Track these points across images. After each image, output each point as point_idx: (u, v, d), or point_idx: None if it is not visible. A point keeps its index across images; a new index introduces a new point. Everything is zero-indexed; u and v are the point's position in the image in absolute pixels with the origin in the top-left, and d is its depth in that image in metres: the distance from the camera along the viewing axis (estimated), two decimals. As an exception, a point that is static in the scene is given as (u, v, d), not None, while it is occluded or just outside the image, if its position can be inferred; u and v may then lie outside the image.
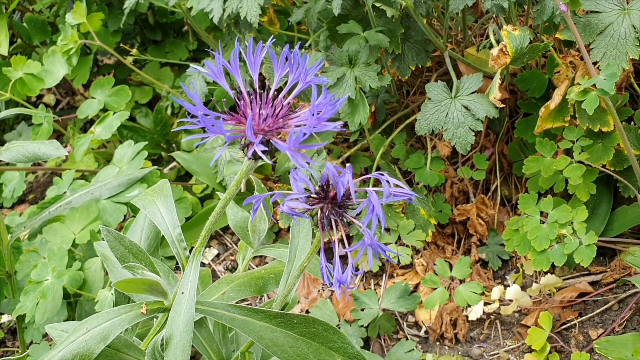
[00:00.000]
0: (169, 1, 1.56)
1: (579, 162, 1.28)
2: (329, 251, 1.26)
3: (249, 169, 0.63)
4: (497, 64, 1.12)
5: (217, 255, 1.58)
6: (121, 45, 1.80)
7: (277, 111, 0.59)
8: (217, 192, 0.98)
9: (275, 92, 0.62)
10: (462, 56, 1.51)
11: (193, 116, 0.60)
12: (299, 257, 0.81)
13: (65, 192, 1.36)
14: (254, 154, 0.55)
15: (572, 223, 1.26)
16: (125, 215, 1.22)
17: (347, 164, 0.59)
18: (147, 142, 1.36)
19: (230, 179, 1.41)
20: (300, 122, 0.58)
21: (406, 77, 1.28)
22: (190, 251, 0.77)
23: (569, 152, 1.32)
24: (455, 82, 1.17)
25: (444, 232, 1.50)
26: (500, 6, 1.12)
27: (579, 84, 1.17)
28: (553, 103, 1.25)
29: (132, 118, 1.94)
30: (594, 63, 1.17)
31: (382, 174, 0.58)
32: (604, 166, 1.30)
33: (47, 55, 1.65)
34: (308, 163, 0.54)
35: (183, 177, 1.78)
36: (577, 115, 1.26)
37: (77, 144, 1.44)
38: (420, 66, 1.27)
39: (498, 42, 1.23)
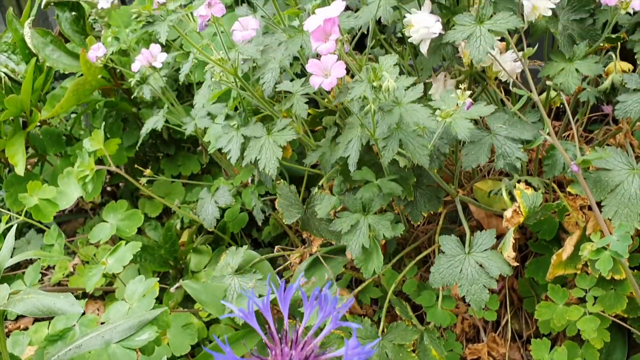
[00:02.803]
0: (186, 130, 1.60)
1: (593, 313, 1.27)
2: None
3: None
4: (511, 224, 1.14)
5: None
6: (135, 166, 1.83)
7: (307, 354, 0.59)
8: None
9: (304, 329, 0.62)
10: (471, 191, 1.54)
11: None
12: None
13: (74, 325, 1.35)
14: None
15: (587, 376, 1.24)
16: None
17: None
18: (158, 279, 1.36)
19: (241, 315, 1.40)
20: (330, 365, 0.58)
21: (418, 223, 1.29)
22: None
23: (581, 298, 1.32)
24: (468, 238, 1.18)
25: (455, 370, 1.48)
26: (513, 166, 1.15)
27: (592, 241, 1.18)
28: (565, 254, 1.26)
29: (140, 230, 1.95)
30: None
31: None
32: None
33: (62, 177, 1.67)
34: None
35: (190, 297, 1.77)
36: (589, 264, 1.26)
37: (88, 275, 1.44)
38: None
39: (510, 193, 1.25)
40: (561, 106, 1.63)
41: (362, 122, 1.10)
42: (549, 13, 1.17)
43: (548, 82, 1.22)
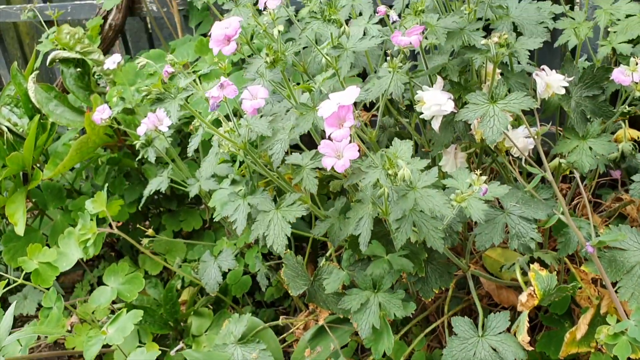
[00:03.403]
0: (190, 192, 1.58)
1: (608, 394, 1.24)
2: None
3: None
4: (526, 307, 1.11)
5: None
6: (137, 226, 1.80)
7: None
8: None
9: None
10: (480, 258, 1.51)
11: None
12: None
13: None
14: None
15: None
16: None
17: None
18: (159, 352, 1.32)
19: (244, 389, 1.36)
20: None
21: (429, 300, 1.26)
22: None
23: (595, 376, 1.28)
24: (481, 319, 1.15)
25: None
26: (527, 246, 1.12)
27: (606, 322, 1.15)
28: (579, 332, 1.23)
29: (140, 287, 1.91)
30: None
31: None
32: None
33: (62, 237, 1.64)
34: None
35: (191, 361, 1.72)
36: (604, 347, 1.23)
37: (87, 344, 1.40)
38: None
39: (522, 270, 1.23)
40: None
41: (374, 201, 1.08)
42: (563, 91, 1.16)
43: (561, 160, 1.20)
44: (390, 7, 1.52)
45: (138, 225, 1.81)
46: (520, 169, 1.45)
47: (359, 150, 1.01)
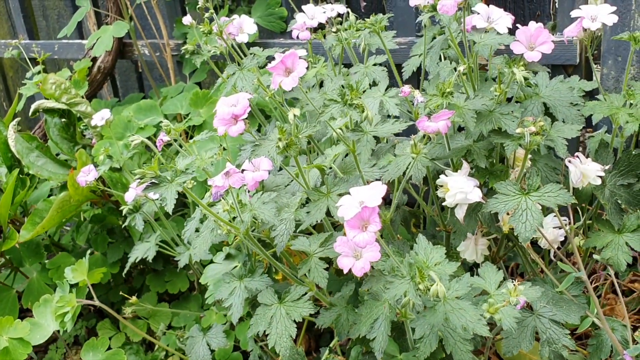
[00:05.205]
0: (180, 262, 1.45)
1: None
2: None
3: None
4: None
5: None
6: (120, 292, 1.67)
7: None
8: None
9: None
10: (493, 344, 1.40)
11: None
12: None
13: None
14: None
15: None
16: None
17: None
18: None
19: None
20: None
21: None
22: None
23: None
24: None
25: None
26: (559, 354, 1.01)
27: None
28: None
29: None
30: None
31: None
32: None
33: (37, 305, 1.49)
34: None
35: None
36: None
37: None
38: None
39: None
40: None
41: (392, 304, 0.96)
42: (599, 182, 1.06)
43: (595, 256, 1.10)
44: (399, 66, 1.42)
45: (120, 292, 1.66)
46: (539, 254, 1.34)
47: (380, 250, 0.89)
